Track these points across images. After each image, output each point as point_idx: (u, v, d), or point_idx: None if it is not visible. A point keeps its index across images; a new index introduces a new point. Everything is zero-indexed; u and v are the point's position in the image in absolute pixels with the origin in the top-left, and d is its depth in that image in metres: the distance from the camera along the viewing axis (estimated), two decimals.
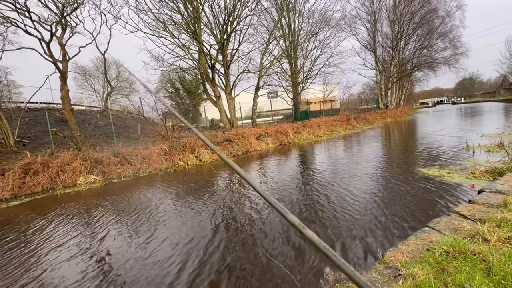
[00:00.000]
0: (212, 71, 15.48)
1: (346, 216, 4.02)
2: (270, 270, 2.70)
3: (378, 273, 1.87)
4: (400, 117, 28.63)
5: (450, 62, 31.36)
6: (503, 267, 1.64)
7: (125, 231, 4.37)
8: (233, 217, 4.53)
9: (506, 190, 3.35)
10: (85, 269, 3.22)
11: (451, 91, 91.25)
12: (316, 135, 17.48)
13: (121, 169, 9.76)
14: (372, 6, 30.48)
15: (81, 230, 4.62)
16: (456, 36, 31.59)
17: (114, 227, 4.58)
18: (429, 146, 9.57)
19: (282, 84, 22.74)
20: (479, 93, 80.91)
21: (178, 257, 3.24)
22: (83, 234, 4.44)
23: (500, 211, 2.66)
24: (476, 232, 2.23)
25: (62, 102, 12.23)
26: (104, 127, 18.07)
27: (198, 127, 26.39)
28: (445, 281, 1.59)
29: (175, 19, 14.30)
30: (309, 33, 23.03)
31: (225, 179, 7.77)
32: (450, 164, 6.57)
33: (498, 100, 52.30)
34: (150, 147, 11.09)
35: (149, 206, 5.65)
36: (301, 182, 6.53)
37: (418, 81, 42.90)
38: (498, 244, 1.96)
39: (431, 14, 29.31)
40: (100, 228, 4.64)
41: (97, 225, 4.81)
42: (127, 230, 4.38)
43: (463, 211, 2.88)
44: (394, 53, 30.83)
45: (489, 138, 9.42)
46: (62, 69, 11.76)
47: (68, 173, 8.91)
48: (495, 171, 5.26)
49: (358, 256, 2.75)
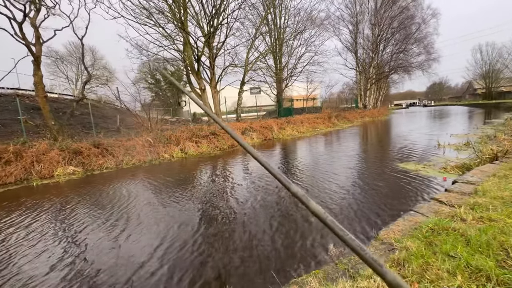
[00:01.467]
0: (198, 64, 15.23)
1: (344, 194, 4.29)
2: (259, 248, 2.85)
3: (375, 248, 2.10)
4: (377, 117, 30.09)
5: (423, 66, 33.44)
6: (478, 238, 1.93)
7: (101, 224, 4.18)
8: (220, 209, 4.62)
9: (475, 181, 3.78)
10: (55, 263, 3.05)
11: (422, 94, 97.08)
12: (299, 131, 17.92)
13: (102, 160, 9.40)
14: (355, 9, 31.51)
15: (56, 222, 4.43)
16: (430, 42, 33.69)
17: (91, 220, 4.39)
18: (405, 144, 10.25)
19: (266, 80, 22.89)
20: (447, 97, 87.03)
21: (156, 261, 3.21)
22: (57, 225, 4.26)
23: (472, 197, 3.03)
24: (454, 214, 2.54)
25: (35, 88, 11.41)
26: (80, 116, 17.12)
27: (179, 120, 25.86)
28: (434, 250, 1.85)
29: (161, 8, 13.83)
30: (295, 31, 23.32)
31: (210, 172, 7.81)
32: (424, 160, 7.14)
33: (463, 104, 56.74)
34: (134, 138, 10.76)
35: (130, 198, 5.55)
36: (300, 173, 6.76)
37: (394, 83, 45.27)
38: (473, 222, 2.27)
39: (409, 20, 30.95)
40: (76, 220, 4.43)
41: (73, 216, 4.61)
42: (103, 223, 4.20)
43: (441, 198, 3.23)
44: (374, 55, 32.19)
45: (457, 138, 10.30)
46: (36, 53, 10.96)
47: (45, 164, 8.43)
48: (464, 166, 5.84)
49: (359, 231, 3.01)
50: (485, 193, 3.04)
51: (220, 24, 15.16)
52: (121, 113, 20.32)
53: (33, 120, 14.07)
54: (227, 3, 14.80)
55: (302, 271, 2.36)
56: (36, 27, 11.03)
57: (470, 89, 69.19)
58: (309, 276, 1.88)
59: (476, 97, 63.49)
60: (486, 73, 56.33)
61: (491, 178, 3.73)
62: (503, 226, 2.12)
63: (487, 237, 1.95)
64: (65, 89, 33.68)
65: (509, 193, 2.90)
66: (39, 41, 11.16)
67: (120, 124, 16.98)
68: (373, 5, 31.49)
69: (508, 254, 1.77)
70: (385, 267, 0.35)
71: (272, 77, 23.30)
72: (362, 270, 1.84)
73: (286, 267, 2.54)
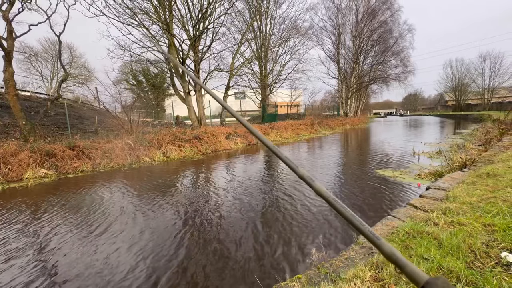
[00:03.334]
0: (183, 67, 15.03)
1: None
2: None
3: (355, 252, 2.16)
4: (357, 125, 31.20)
5: (400, 78, 35.32)
6: (450, 241, 2.06)
7: (73, 230, 3.99)
8: (206, 216, 4.56)
9: (446, 187, 4.02)
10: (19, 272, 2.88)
11: (399, 104, 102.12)
12: (283, 137, 18.14)
13: (78, 163, 8.94)
14: (337, 20, 32.78)
15: (21, 229, 4.15)
16: (406, 56, 35.74)
17: (60, 226, 4.16)
18: (383, 151, 10.70)
19: (251, 86, 23.07)
20: (421, 108, 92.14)
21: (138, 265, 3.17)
22: (22, 233, 3.99)
23: (443, 203, 3.22)
24: (428, 218, 2.69)
25: (5, 85, 10.70)
26: (55, 116, 16.24)
27: (162, 123, 25.24)
28: (410, 253, 1.94)
29: (145, 9, 13.58)
30: (280, 38, 23.81)
31: (193, 176, 7.68)
32: (400, 167, 7.49)
33: (436, 115, 60.33)
34: (113, 140, 10.35)
35: (104, 204, 5.33)
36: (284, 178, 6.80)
37: (374, 93, 47.22)
38: (445, 226, 2.42)
39: (387, 34, 32.69)
40: (42, 227, 4.16)
41: (39, 223, 4.34)
42: (75, 229, 4.02)
43: (415, 203, 3.39)
44: (355, 65, 33.55)
45: (430, 146, 10.91)
46: (7, 48, 10.33)
47: (13, 166, 7.88)
48: (436, 173, 6.19)
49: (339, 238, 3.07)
50: (455, 199, 3.24)
51: (206, 28, 15.14)
52: (99, 114, 19.52)
53: (1, 119, 13.15)
54: (214, 8, 14.84)
55: (287, 275, 2.38)
56: (9, 20, 10.41)
57: (441, 101, 73.82)
58: (292, 280, 1.90)
59: (447, 109, 67.82)
60: (456, 87, 60.45)
61: (460, 185, 3.98)
62: (471, 230, 2.27)
63: (457, 240, 2.08)
64: (38, 87, 31.89)
65: (476, 199, 3.11)
66: (12, 35, 10.52)
67: (98, 125, 16.28)
68: (354, 18, 32.98)
69: (476, 256, 1.90)
70: (382, 239, 0.40)
71: (257, 83, 23.52)
72: (343, 273, 1.89)
73: (271, 272, 2.54)
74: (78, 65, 34.77)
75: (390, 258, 0.40)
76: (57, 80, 32.49)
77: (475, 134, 13.66)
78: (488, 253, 1.92)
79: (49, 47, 32.39)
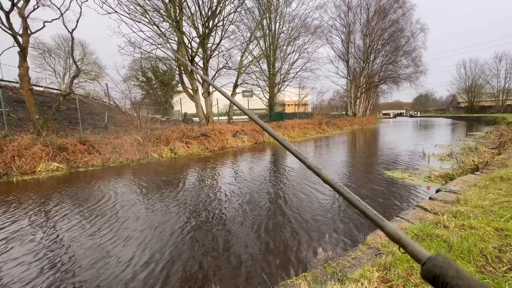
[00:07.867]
0: (192, 64, 15.14)
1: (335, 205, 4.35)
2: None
3: (362, 252, 2.14)
4: (366, 125, 30.79)
5: (411, 78, 34.62)
6: (460, 245, 2.02)
7: (83, 224, 4.04)
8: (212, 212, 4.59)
9: (457, 190, 3.93)
10: (30, 261, 2.96)
11: (409, 105, 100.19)
12: (290, 136, 18.07)
13: (88, 157, 9.14)
14: (347, 19, 32.33)
15: (33, 219, 4.26)
16: (418, 55, 34.98)
17: (70, 219, 4.25)
18: (392, 152, 10.53)
19: (259, 84, 23.03)
20: (433, 109, 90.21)
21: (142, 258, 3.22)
22: (34, 223, 4.10)
23: (454, 206, 3.15)
24: (438, 221, 2.64)
25: (20, 80, 11.00)
26: (67, 111, 16.60)
27: (170, 120, 25.50)
28: None
29: (156, 6, 13.71)
30: (289, 37, 23.65)
31: (200, 173, 7.74)
32: (410, 168, 7.35)
33: (447, 116, 58.95)
34: (122, 136, 10.53)
35: (114, 198, 5.43)
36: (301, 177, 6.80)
37: (383, 93, 46.50)
38: (455, 230, 2.37)
39: (398, 33, 32.04)
40: (53, 219, 4.26)
41: (50, 215, 4.45)
42: (85, 223, 4.07)
43: (425, 205, 3.33)
44: (365, 65, 33.06)
45: (441, 148, 10.68)
46: (23, 44, 10.61)
47: (26, 159, 8.11)
48: (447, 176, 6.05)
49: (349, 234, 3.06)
50: (467, 202, 3.17)
51: (216, 26, 15.18)
52: (109, 110, 19.85)
53: (16, 113, 13.53)
54: (224, 6, 14.86)
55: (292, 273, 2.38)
56: (24, 17, 10.69)
57: (453, 102, 72.07)
58: (299, 278, 1.90)
59: (459, 110, 66.17)
60: (469, 88, 58.86)
61: (472, 188, 3.88)
62: (483, 234, 2.22)
63: (468, 243, 2.03)
64: (51, 82, 32.67)
65: (488, 203, 3.03)
66: (27, 32, 10.81)
67: (108, 121, 16.57)
68: (365, 17, 32.47)
69: (487, 260, 1.86)
70: (386, 221, 0.45)
71: (265, 81, 23.47)
72: (350, 273, 1.88)
73: (278, 268, 2.55)
74: (90, 62, 35.43)
75: (393, 238, 0.43)
76: (69, 76, 33.17)
77: (488, 136, 13.29)
78: (501, 258, 1.88)
79: (62, 44, 33.12)
